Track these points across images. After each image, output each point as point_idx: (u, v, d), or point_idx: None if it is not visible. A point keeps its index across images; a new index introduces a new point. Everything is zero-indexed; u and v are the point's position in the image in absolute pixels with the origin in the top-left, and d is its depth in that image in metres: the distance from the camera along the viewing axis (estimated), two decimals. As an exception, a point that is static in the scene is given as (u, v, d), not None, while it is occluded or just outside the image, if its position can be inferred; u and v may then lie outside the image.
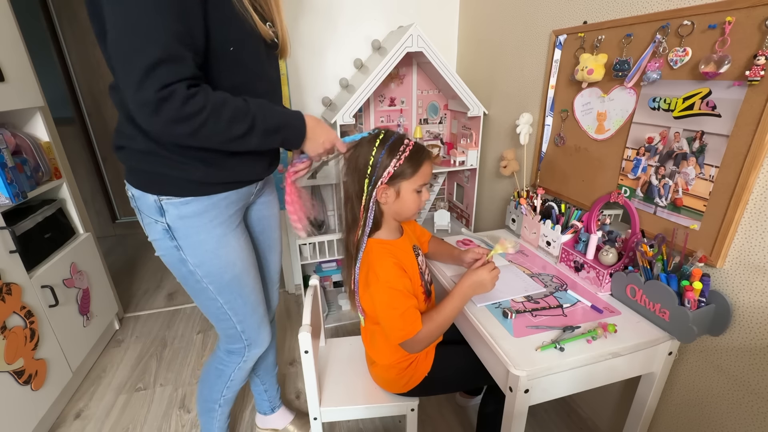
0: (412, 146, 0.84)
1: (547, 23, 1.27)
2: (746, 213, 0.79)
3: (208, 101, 0.66)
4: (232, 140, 0.72)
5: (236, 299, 0.91)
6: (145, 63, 0.59)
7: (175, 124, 0.64)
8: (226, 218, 0.85)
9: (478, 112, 1.64)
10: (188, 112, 0.64)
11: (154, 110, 0.62)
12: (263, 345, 1.03)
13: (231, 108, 0.69)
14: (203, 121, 0.66)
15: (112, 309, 1.84)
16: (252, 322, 0.97)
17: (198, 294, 0.90)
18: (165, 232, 0.81)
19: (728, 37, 0.76)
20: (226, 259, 0.86)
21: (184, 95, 0.63)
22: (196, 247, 0.83)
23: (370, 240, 0.89)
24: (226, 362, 1.02)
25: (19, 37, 1.37)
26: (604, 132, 1.09)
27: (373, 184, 0.83)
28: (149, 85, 0.60)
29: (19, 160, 1.31)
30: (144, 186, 0.78)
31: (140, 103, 0.61)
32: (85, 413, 1.44)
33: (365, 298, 0.91)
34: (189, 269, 0.85)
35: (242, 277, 0.90)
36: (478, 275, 0.87)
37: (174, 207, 0.79)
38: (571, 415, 1.36)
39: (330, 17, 1.69)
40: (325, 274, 2.02)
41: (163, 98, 0.61)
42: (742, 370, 0.84)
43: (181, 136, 0.67)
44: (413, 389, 0.98)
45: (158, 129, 0.65)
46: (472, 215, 1.86)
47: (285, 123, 0.79)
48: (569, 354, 0.78)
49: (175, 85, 0.62)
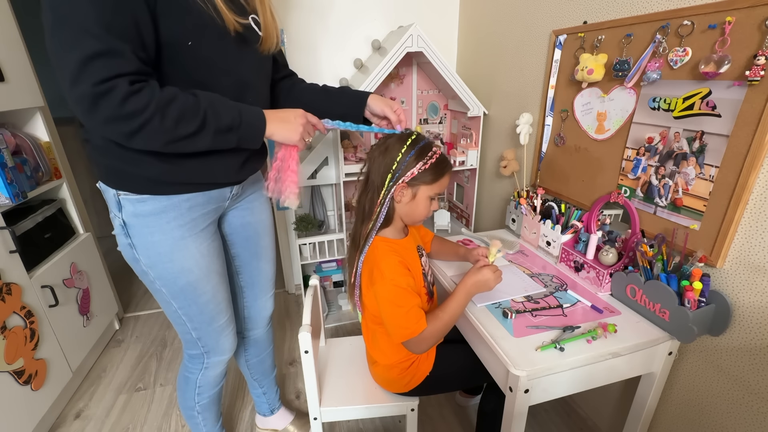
0: (439, 154, 0.86)
1: (547, 23, 1.27)
2: (746, 213, 0.79)
3: (153, 98, 0.62)
4: (178, 140, 0.66)
5: (191, 306, 0.87)
6: (80, 56, 0.56)
7: (114, 122, 0.60)
8: (186, 221, 0.80)
9: (478, 112, 1.64)
10: (129, 111, 0.60)
11: (91, 106, 0.58)
12: (225, 353, 0.98)
13: (179, 105, 0.64)
14: (146, 120, 0.62)
15: (112, 309, 1.84)
16: (209, 330, 0.92)
17: (154, 294, 0.87)
18: (121, 228, 0.79)
19: (728, 37, 0.76)
20: (181, 264, 0.81)
21: (125, 91, 0.59)
22: (149, 247, 0.79)
23: (376, 237, 0.89)
24: (190, 368, 0.99)
25: (19, 37, 1.37)
26: (604, 132, 1.09)
27: (394, 181, 0.85)
28: (85, 79, 0.57)
29: (19, 160, 1.31)
30: (105, 179, 0.76)
31: (76, 98, 0.58)
32: (85, 413, 1.44)
33: (369, 296, 0.91)
34: (142, 269, 0.82)
35: (198, 285, 0.85)
36: (482, 274, 0.87)
37: (130, 203, 0.76)
38: (571, 415, 1.36)
39: (330, 17, 1.69)
40: (325, 274, 2.02)
41: (101, 93, 0.58)
42: (742, 370, 0.84)
43: (121, 135, 0.63)
44: (414, 389, 0.98)
45: (96, 126, 0.62)
46: (472, 215, 1.86)
47: (240, 121, 0.72)
48: (569, 354, 0.78)
49: (114, 81, 0.58)
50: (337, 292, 2.05)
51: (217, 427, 1.14)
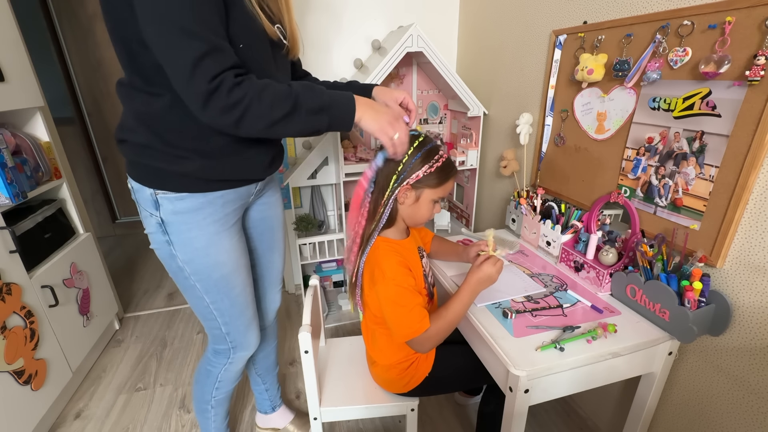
0: (445, 158, 0.86)
1: (547, 23, 1.27)
2: (746, 213, 0.79)
3: (251, 87, 0.67)
4: (276, 123, 0.71)
5: (223, 300, 0.90)
6: (190, 58, 0.61)
7: (226, 112, 0.66)
8: (220, 217, 0.85)
9: (478, 112, 1.64)
10: (233, 101, 0.65)
11: (206, 102, 0.64)
12: (250, 348, 1.01)
13: (272, 91, 0.69)
14: (246, 107, 0.66)
15: (112, 309, 1.84)
16: (238, 324, 0.95)
17: (186, 291, 0.90)
18: (158, 226, 0.82)
19: (728, 37, 0.76)
20: (215, 258, 0.86)
21: (231, 83, 0.65)
22: (187, 243, 0.83)
23: (378, 238, 0.89)
24: (214, 363, 1.02)
25: (19, 37, 1.37)
26: (604, 132, 1.09)
27: (399, 182, 0.85)
28: (198, 79, 0.62)
29: (19, 160, 1.31)
30: (142, 179, 0.79)
31: (191, 95, 0.64)
32: (85, 413, 1.44)
33: (371, 296, 0.91)
34: (178, 265, 0.85)
35: (231, 278, 0.89)
36: (484, 270, 0.86)
37: (169, 202, 0.79)
38: (571, 415, 1.36)
39: (330, 17, 1.69)
40: (325, 274, 2.02)
41: (213, 89, 0.63)
42: (742, 370, 0.84)
43: (231, 124, 0.68)
44: (414, 389, 0.98)
45: (211, 119, 0.67)
46: (472, 215, 1.86)
47: (331, 102, 0.75)
48: (569, 354, 0.78)
49: (222, 75, 0.64)
50: (337, 292, 2.05)
51: (225, 424, 1.16)
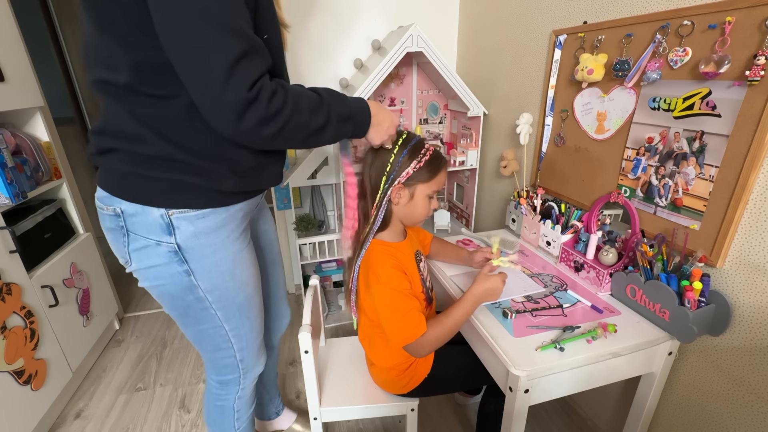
0: (432, 151, 0.85)
1: (547, 23, 1.26)
2: (746, 213, 0.79)
3: (288, 95, 0.59)
4: (312, 134, 0.64)
5: (244, 323, 0.81)
6: (228, 58, 0.51)
7: (263, 125, 0.56)
8: (241, 232, 0.75)
9: (478, 112, 1.64)
10: (273, 110, 0.56)
11: (243, 113, 0.54)
12: (260, 368, 0.93)
13: (307, 99, 0.62)
14: (288, 117, 0.58)
15: (112, 309, 1.84)
16: (253, 347, 0.87)
17: (199, 323, 0.77)
18: (172, 256, 0.67)
19: (728, 37, 0.76)
20: (240, 279, 0.76)
21: (270, 90, 0.55)
22: (212, 268, 0.70)
23: (373, 240, 0.88)
24: (224, 396, 0.91)
25: (19, 37, 1.37)
26: (604, 132, 1.09)
27: (390, 183, 0.83)
28: (238, 85, 0.52)
29: (19, 160, 1.31)
30: (146, 198, 0.64)
31: (225, 106, 0.53)
32: (85, 413, 1.44)
33: (366, 300, 0.91)
34: (197, 296, 0.72)
35: (253, 298, 0.81)
36: (493, 282, 0.84)
37: (188, 222, 0.66)
38: (571, 415, 1.36)
39: (330, 17, 1.69)
40: (325, 274, 2.02)
41: (253, 98, 0.53)
42: (742, 370, 0.84)
43: (267, 138, 0.58)
44: (413, 390, 0.98)
45: (245, 133, 0.56)
46: (472, 215, 1.85)
47: (355, 109, 0.71)
48: (569, 354, 0.78)
49: (261, 81, 0.55)
50: (337, 292, 2.05)
51: None
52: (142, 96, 0.61)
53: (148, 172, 0.63)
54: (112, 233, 0.69)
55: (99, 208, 0.69)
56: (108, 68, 0.60)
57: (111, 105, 0.64)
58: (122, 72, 0.59)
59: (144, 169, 0.63)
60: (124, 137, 0.63)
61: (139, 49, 0.57)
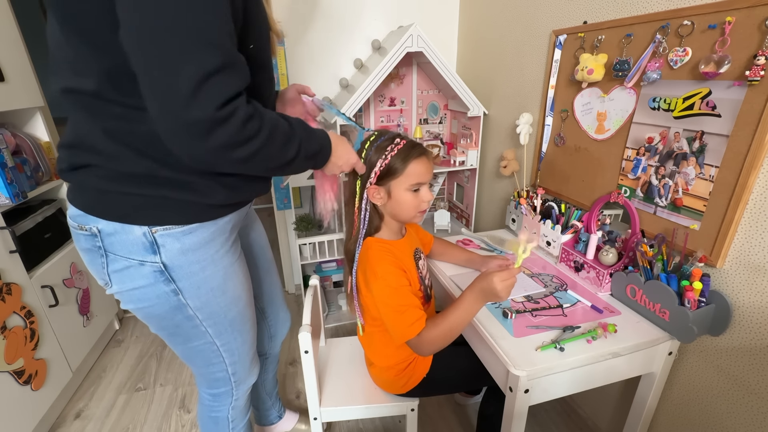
0: (401, 145, 0.82)
1: (547, 23, 1.27)
2: (746, 213, 0.79)
3: (264, 121, 0.54)
4: (278, 167, 0.60)
5: (236, 338, 0.79)
6: (199, 71, 0.45)
7: (231, 149, 0.51)
8: (231, 245, 0.72)
9: (478, 112, 1.64)
10: (246, 135, 0.51)
11: (207, 133, 0.48)
12: (253, 378, 0.92)
13: (282, 131, 0.58)
14: (261, 145, 0.53)
15: (112, 309, 1.84)
16: (245, 361, 0.85)
17: (190, 340, 0.73)
18: (158, 275, 0.63)
19: (728, 37, 0.76)
20: (232, 294, 0.73)
21: (245, 114, 0.50)
22: (201, 286, 0.67)
23: (370, 239, 0.88)
24: (217, 408, 0.89)
25: (19, 37, 1.37)
26: (604, 132, 1.09)
27: (363, 185, 0.84)
28: (205, 101, 0.46)
29: (19, 160, 1.31)
30: (126, 216, 0.59)
31: (187, 124, 0.47)
32: (85, 413, 1.44)
33: (368, 297, 0.90)
34: (186, 315, 0.69)
35: (245, 312, 0.79)
36: (493, 283, 0.75)
37: (174, 239, 0.62)
38: (571, 415, 1.36)
39: (330, 17, 1.69)
40: (325, 274, 2.02)
41: (222, 119, 0.48)
42: (742, 370, 0.84)
43: (233, 162, 0.53)
44: (412, 390, 0.98)
45: (204, 156, 0.51)
46: (472, 215, 1.86)
47: (321, 146, 0.69)
48: (569, 354, 0.78)
49: (237, 101, 0.49)
50: (337, 292, 2.05)
51: None
52: (114, 106, 0.55)
53: (128, 188, 0.58)
54: (88, 254, 0.64)
55: (72, 228, 0.64)
56: (74, 73, 0.55)
57: (80, 117, 0.58)
58: (90, 78, 0.54)
59: (123, 186, 0.58)
60: (96, 153, 0.58)
61: (109, 52, 0.51)
